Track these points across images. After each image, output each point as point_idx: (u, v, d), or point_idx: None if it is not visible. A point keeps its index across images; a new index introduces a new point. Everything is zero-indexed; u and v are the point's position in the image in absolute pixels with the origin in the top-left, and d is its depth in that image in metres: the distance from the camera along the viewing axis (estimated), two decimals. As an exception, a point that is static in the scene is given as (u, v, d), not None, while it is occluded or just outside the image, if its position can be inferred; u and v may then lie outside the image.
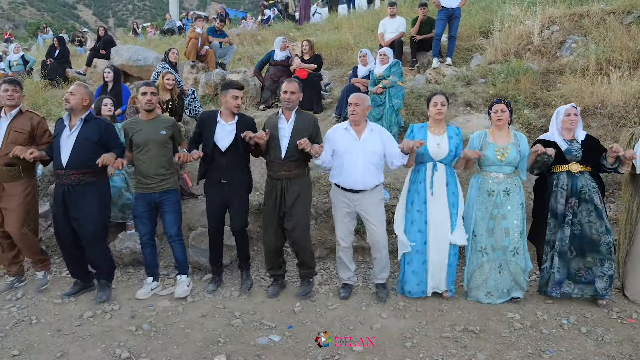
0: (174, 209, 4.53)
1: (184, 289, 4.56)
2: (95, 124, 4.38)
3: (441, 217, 4.38)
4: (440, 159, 4.37)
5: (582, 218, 4.29)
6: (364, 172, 4.28)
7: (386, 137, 4.41)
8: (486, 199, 4.38)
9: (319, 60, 8.68)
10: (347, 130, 4.38)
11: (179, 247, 4.61)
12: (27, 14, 77.04)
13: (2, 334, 3.85)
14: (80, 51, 16.87)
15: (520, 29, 9.62)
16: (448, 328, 3.99)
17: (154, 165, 4.42)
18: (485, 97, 8.00)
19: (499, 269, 4.37)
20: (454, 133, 4.44)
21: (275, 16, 17.85)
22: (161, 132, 4.43)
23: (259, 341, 3.78)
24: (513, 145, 4.34)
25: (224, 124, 4.44)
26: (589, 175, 4.34)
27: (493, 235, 4.37)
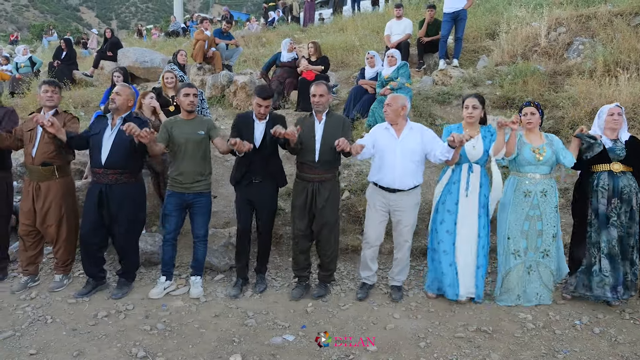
0: (205, 212, 4.60)
1: (199, 290, 4.60)
2: (135, 122, 4.33)
3: (471, 219, 4.39)
4: (475, 160, 4.39)
5: (624, 220, 4.28)
6: (402, 171, 4.28)
7: (427, 134, 4.38)
8: (522, 200, 4.35)
9: (326, 62, 8.71)
10: (387, 129, 4.40)
11: (203, 248, 4.66)
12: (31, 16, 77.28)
13: (19, 334, 3.87)
14: (85, 53, 16.94)
15: (526, 30, 9.65)
16: (461, 328, 4.00)
17: (192, 165, 4.46)
18: (493, 99, 8.01)
19: (529, 269, 4.36)
20: (488, 133, 4.43)
21: (279, 18, 17.89)
22: (199, 133, 4.47)
23: (273, 341, 3.79)
24: (547, 144, 4.34)
25: (258, 122, 4.50)
26: (631, 175, 4.32)
27: (528, 236, 4.36)
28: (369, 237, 4.51)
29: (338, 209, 4.60)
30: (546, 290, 4.40)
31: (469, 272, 4.41)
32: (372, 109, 7.33)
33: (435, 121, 7.68)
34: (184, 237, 5.18)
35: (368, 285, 4.66)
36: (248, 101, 9.28)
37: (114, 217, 4.41)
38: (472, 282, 4.42)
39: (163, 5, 71.40)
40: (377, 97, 7.38)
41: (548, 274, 4.37)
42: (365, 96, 7.77)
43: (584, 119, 6.99)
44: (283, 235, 5.71)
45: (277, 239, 5.66)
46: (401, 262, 4.53)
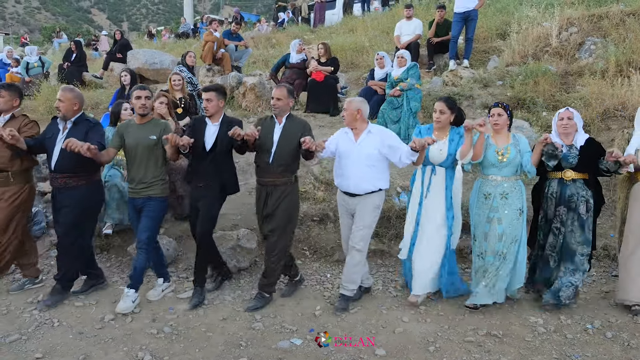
0: (150, 215, 4.37)
1: (127, 304, 4.26)
2: (84, 126, 4.35)
3: (435, 221, 4.37)
4: (439, 163, 4.36)
5: (567, 227, 4.26)
6: (358, 176, 4.22)
7: (388, 137, 4.30)
8: (483, 202, 4.34)
9: (336, 62, 8.69)
10: (346, 133, 4.36)
11: (142, 255, 4.33)
12: (42, 18, 78.03)
13: (25, 337, 3.86)
14: (96, 55, 17.05)
15: (537, 30, 9.54)
16: (471, 332, 3.94)
17: (141, 169, 4.37)
18: (504, 100, 7.92)
19: (496, 271, 4.30)
20: (457, 135, 4.37)
21: (289, 19, 17.89)
22: (151, 137, 4.37)
23: (280, 345, 3.76)
24: (512, 145, 4.29)
25: (210, 124, 4.43)
26: (581, 184, 4.26)
27: (488, 239, 4.32)
28: (343, 241, 4.51)
29: (292, 215, 4.41)
30: (500, 291, 4.32)
31: (427, 272, 4.38)
32: (381, 110, 7.29)
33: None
34: (190, 240, 5.17)
35: (363, 288, 4.61)
36: (257, 102, 9.27)
37: (59, 220, 4.36)
38: (431, 280, 4.40)
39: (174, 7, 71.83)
40: (387, 98, 7.34)
41: (504, 277, 4.28)
42: (375, 97, 7.73)
43: (596, 120, 6.92)
44: (290, 238, 5.67)
45: None
46: (349, 267, 4.32)
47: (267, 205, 4.32)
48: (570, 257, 4.25)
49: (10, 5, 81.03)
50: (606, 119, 7.04)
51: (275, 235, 4.33)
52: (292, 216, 4.41)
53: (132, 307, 4.30)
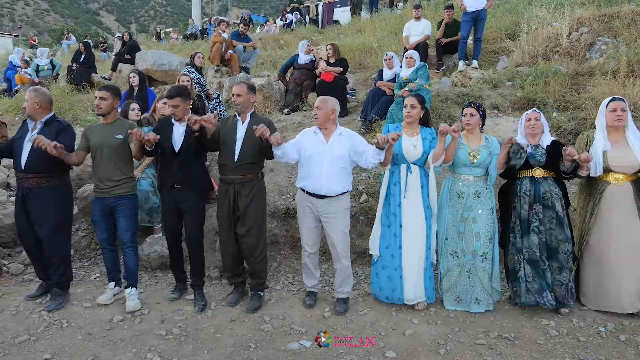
0: (128, 215, 4.41)
1: (135, 302, 4.36)
2: (55, 127, 4.33)
3: (416, 221, 4.31)
4: (414, 161, 4.32)
5: (546, 225, 4.22)
6: (329, 177, 4.16)
7: (357, 139, 4.27)
8: (456, 202, 4.32)
9: (345, 63, 8.65)
10: (315, 134, 4.28)
11: (131, 254, 4.46)
12: (51, 20, 78.54)
13: (34, 338, 3.86)
14: (104, 56, 17.10)
15: (548, 30, 9.46)
16: (482, 335, 3.90)
17: (108, 169, 4.35)
18: (513, 100, 7.86)
19: (468, 273, 4.29)
20: (428, 134, 4.38)
21: (297, 20, 17.88)
22: (117, 137, 4.35)
23: (289, 346, 3.74)
24: (484, 147, 4.32)
25: (178, 125, 4.40)
26: (552, 181, 4.29)
27: (464, 238, 4.29)
28: (305, 245, 4.40)
29: (264, 212, 4.45)
30: (486, 295, 4.29)
31: (417, 274, 4.30)
32: (390, 111, 7.23)
33: (454, 123, 7.56)
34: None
35: (315, 293, 4.55)
36: (265, 103, 9.26)
37: (37, 223, 4.32)
38: (422, 284, 4.32)
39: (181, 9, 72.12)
40: (396, 98, 7.29)
41: (487, 278, 4.27)
42: (383, 98, 7.68)
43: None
44: (297, 239, 5.63)
45: (294, 243, 5.60)
46: (341, 273, 4.34)
47: (238, 205, 4.26)
48: (554, 255, 4.21)
49: (19, 7, 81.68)
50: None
51: (253, 236, 4.29)
52: (264, 213, 4.44)
53: (139, 305, 4.36)
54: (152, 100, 7.13)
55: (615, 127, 4.20)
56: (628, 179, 4.18)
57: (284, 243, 5.62)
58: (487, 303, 4.29)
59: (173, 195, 4.38)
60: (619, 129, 4.20)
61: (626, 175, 4.18)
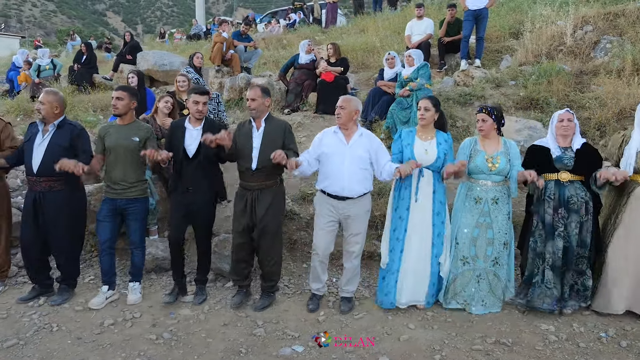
0: (139, 218, 4.43)
1: (137, 296, 4.50)
2: (68, 130, 4.33)
3: (424, 226, 4.21)
4: (427, 165, 4.20)
5: (571, 230, 4.10)
6: (351, 178, 4.07)
7: (376, 144, 4.19)
8: (473, 207, 4.21)
9: (345, 63, 8.57)
10: (335, 133, 4.19)
11: (140, 254, 4.53)
12: (58, 21, 78.99)
13: (23, 342, 3.80)
14: (108, 57, 17.10)
15: (552, 29, 9.35)
16: (479, 340, 3.80)
17: (122, 171, 4.33)
18: (516, 100, 7.76)
19: (478, 278, 4.21)
20: (443, 139, 4.27)
21: (300, 20, 17.82)
22: (133, 139, 4.33)
23: (282, 352, 3.66)
24: (503, 153, 4.18)
25: (192, 129, 4.35)
26: (579, 185, 4.13)
27: (476, 244, 4.19)
28: (317, 248, 4.27)
29: (281, 217, 4.43)
30: (493, 298, 4.22)
31: (417, 280, 4.23)
32: (390, 111, 7.15)
33: (456, 123, 7.47)
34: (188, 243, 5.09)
35: (319, 296, 4.46)
36: (266, 103, 9.18)
37: (50, 226, 4.31)
38: (425, 290, 4.26)
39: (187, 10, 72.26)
40: (397, 98, 7.21)
41: (496, 282, 4.20)
42: (384, 97, 7.59)
43: (611, 120, 6.72)
44: (297, 240, 5.57)
45: (291, 245, 5.53)
46: (349, 272, 4.30)
47: (256, 212, 4.20)
48: (572, 259, 4.11)
49: (27, 8, 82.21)
50: (622, 119, 6.83)
51: (269, 240, 4.25)
52: (280, 218, 4.41)
53: (139, 299, 4.49)
54: (150, 101, 7.09)
55: None
56: None
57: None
58: (493, 306, 4.23)
59: (186, 198, 4.34)
60: None
61: None
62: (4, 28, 52.88)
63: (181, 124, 4.41)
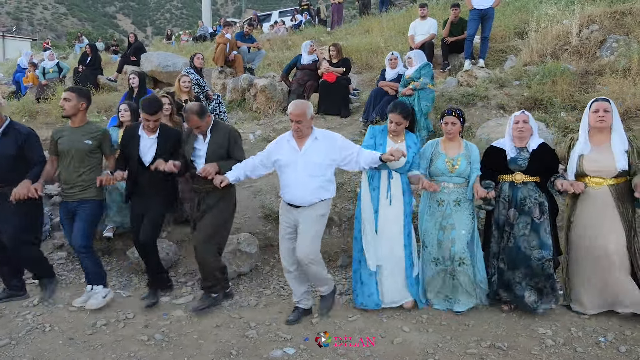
0: (84, 219, 4.25)
1: (97, 301, 4.27)
2: (13, 136, 4.21)
3: (395, 227, 4.18)
4: (395, 168, 4.16)
5: (518, 231, 4.06)
6: (304, 187, 3.88)
7: (337, 142, 3.99)
8: (436, 209, 4.18)
9: (348, 63, 8.54)
10: (288, 141, 4.01)
11: (84, 258, 4.30)
12: (69, 24, 79.61)
13: (14, 342, 3.79)
14: (115, 59, 17.17)
15: (557, 28, 9.23)
16: (473, 344, 3.72)
17: (74, 174, 4.25)
18: (520, 100, 7.67)
19: (452, 275, 4.16)
20: (413, 142, 4.24)
21: (306, 21, 17.81)
22: (86, 142, 4.25)
23: (272, 354, 3.61)
24: (464, 156, 4.16)
25: (146, 137, 4.32)
26: (533, 187, 4.09)
27: (442, 246, 4.16)
28: (283, 263, 4.15)
29: (222, 222, 4.28)
30: (467, 295, 4.20)
31: (395, 280, 4.21)
32: (391, 111, 7.10)
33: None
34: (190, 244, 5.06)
35: (301, 309, 4.20)
36: (268, 104, 9.19)
37: (1, 230, 4.23)
38: (402, 289, 4.24)
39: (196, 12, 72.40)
40: (399, 98, 7.15)
41: (467, 281, 4.14)
42: (385, 98, 7.53)
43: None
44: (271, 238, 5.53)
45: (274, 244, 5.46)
46: (313, 279, 4.12)
47: (200, 210, 4.23)
48: (525, 262, 4.05)
49: (38, 11, 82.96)
50: (627, 120, 6.71)
51: (203, 239, 4.18)
52: (221, 223, 4.27)
53: (101, 303, 4.27)
54: (151, 102, 7.08)
55: (598, 129, 4.00)
56: (606, 182, 3.97)
57: (278, 246, 5.49)
58: (468, 302, 4.22)
59: (141, 201, 4.36)
60: (603, 130, 4.00)
61: (604, 179, 3.97)
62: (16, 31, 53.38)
63: (135, 131, 4.36)
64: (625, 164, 3.90)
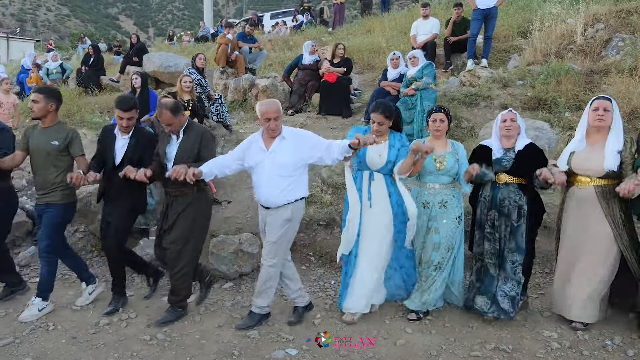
0: (49, 223, 4.17)
1: (31, 313, 4.13)
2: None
3: (380, 230, 4.08)
4: (377, 169, 4.10)
5: (501, 232, 4.01)
6: (270, 187, 3.79)
7: (307, 140, 3.86)
8: (422, 212, 4.10)
9: (349, 63, 8.50)
10: (257, 141, 3.91)
11: (44, 263, 4.19)
12: (72, 25, 79.89)
13: (18, 340, 3.79)
14: (118, 59, 17.19)
15: (561, 28, 9.20)
16: (477, 346, 3.69)
17: (40, 175, 4.20)
18: (524, 100, 7.64)
19: (432, 280, 4.09)
20: (397, 141, 4.14)
21: (307, 21, 17.79)
22: (52, 143, 4.16)
23: (274, 355, 3.58)
24: (450, 154, 4.10)
25: (120, 137, 4.27)
26: (515, 188, 3.99)
27: (424, 248, 4.12)
28: None
29: (195, 228, 4.09)
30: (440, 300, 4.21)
31: (373, 284, 4.10)
32: (394, 111, 7.07)
33: (461, 123, 7.37)
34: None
35: (301, 309, 4.18)
36: (270, 105, 9.14)
37: None
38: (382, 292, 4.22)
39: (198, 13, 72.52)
40: (401, 98, 7.12)
41: (438, 286, 4.08)
42: (387, 98, 7.48)
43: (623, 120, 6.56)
44: (296, 242, 5.48)
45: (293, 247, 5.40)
46: (259, 283, 3.97)
47: (167, 217, 4.12)
48: (504, 264, 4.02)
49: (41, 13, 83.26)
50: (634, 119, 6.68)
51: (175, 250, 4.04)
52: (194, 229, 4.09)
53: (37, 315, 4.15)
54: (153, 102, 7.08)
55: (596, 128, 3.91)
56: (593, 182, 3.87)
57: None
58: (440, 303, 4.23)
59: (109, 205, 4.31)
60: (601, 130, 3.90)
61: (591, 178, 3.87)
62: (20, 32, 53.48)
63: (111, 130, 4.31)
64: (614, 165, 3.75)
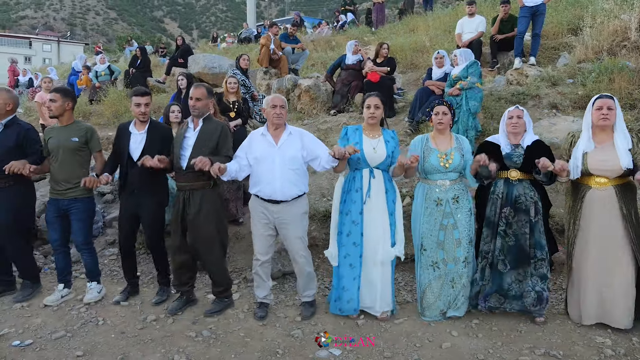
0: (81, 217, 4.38)
1: (93, 295, 4.49)
2: (15, 130, 4.41)
3: (380, 228, 4.02)
4: (376, 165, 4.02)
5: (518, 229, 3.89)
6: (283, 181, 3.91)
7: (308, 139, 4.05)
8: (434, 209, 4.00)
9: (392, 63, 8.42)
10: (263, 135, 4.02)
11: (87, 255, 4.49)
12: (119, 28, 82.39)
13: (70, 334, 3.92)
14: (163, 61, 17.59)
15: (614, 24, 8.82)
16: (526, 351, 3.58)
17: (64, 171, 4.33)
18: (574, 99, 7.39)
19: (452, 283, 4.00)
20: (390, 137, 4.10)
21: (350, 21, 17.75)
22: (72, 139, 4.33)
23: (318, 354, 3.58)
24: (456, 149, 4.00)
25: (136, 133, 4.32)
26: (528, 184, 3.94)
27: (444, 247, 3.99)
28: (259, 254, 4.14)
29: (218, 221, 4.19)
30: (464, 300, 4.08)
31: (383, 284, 4.05)
32: (438, 111, 6.96)
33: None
34: (237, 242, 5.10)
35: (267, 305, 4.29)
36: (312, 105, 9.19)
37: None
38: (388, 295, 4.10)
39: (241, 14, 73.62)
40: (446, 97, 7.00)
41: (469, 284, 4.02)
42: (432, 98, 7.40)
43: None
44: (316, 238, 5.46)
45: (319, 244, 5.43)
46: (302, 276, 4.16)
47: (187, 213, 4.12)
48: (527, 261, 3.90)
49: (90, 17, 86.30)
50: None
51: (202, 244, 4.13)
52: (215, 221, 4.17)
53: (96, 297, 4.50)
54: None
55: (601, 127, 3.78)
56: (611, 183, 3.76)
57: (322, 246, 5.46)
58: (464, 308, 4.10)
59: (132, 200, 4.36)
60: (605, 129, 3.78)
61: (609, 179, 3.76)
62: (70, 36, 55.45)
63: (126, 127, 4.40)
64: (629, 163, 3.68)
